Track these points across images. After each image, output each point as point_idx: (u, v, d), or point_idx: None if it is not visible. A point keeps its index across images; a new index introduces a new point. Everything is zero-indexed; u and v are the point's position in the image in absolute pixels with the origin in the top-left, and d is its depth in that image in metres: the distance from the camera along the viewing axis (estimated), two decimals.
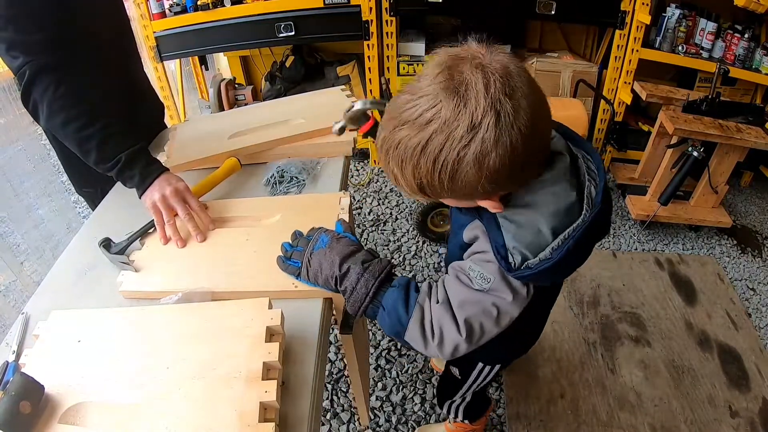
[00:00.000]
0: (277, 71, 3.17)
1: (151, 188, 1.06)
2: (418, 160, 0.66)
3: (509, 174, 0.66)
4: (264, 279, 0.94)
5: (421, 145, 0.65)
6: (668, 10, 2.59)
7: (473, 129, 0.62)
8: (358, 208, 2.79)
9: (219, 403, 0.69)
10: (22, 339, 0.88)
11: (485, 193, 0.71)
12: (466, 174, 0.65)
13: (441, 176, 0.66)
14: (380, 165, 0.77)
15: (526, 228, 0.73)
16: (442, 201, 0.77)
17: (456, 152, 0.64)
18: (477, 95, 0.62)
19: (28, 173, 2.12)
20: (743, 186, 3.03)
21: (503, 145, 0.63)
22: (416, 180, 0.69)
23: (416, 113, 0.65)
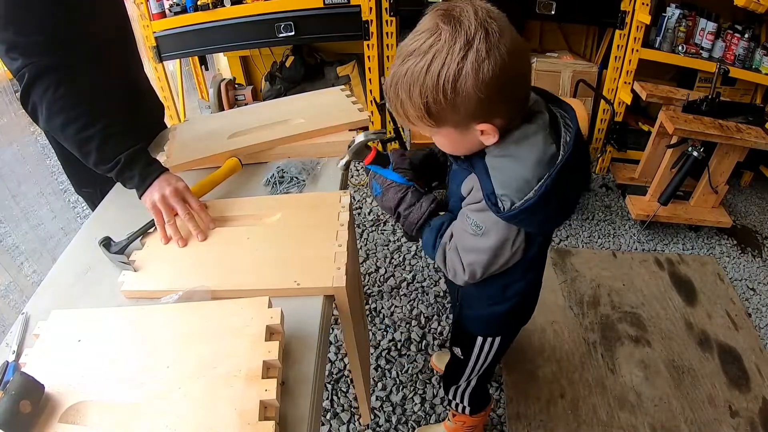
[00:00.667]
0: (277, 71, 3.18)
1: (151, 189, 1.06)
2: (424, 79, 0.77)
3: (501, 88, 0.77)
4: (265, 277, 0.94)
5: (426, 66, 0.76)
6: (668, 10, 2.59)
7: (468, 43, 0.74)
8: (358, 208, 2.79)
9: (219, 401, 0.69)
10: (22, 339, 0.88)
11: (483, 113, 0.80)
12: (465, 84, 0.75)
13: (445, 89, 0.76)
14: (390, 105, 0.87)
15: (512, 176, 0.84)
16: (444, 137, 0.88)
17: (456, 63, 0.74)
18: (468, 18, 0.74)
19: (26, 174, 2.12)
20: (743, 186, 3.03)
21: (494, 57, 0.74)
22: (423, 100, 0.78)
23: (419, 44, 0.77)
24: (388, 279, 2.31)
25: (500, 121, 0.83)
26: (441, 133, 0.86)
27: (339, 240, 0.99)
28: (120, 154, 1.05)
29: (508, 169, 0.85)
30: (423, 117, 0.82)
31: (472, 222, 0.93)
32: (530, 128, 0.85)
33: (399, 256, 2.44)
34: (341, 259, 0.95)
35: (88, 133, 1.03)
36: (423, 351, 1.99)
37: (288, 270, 0.94)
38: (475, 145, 0.88)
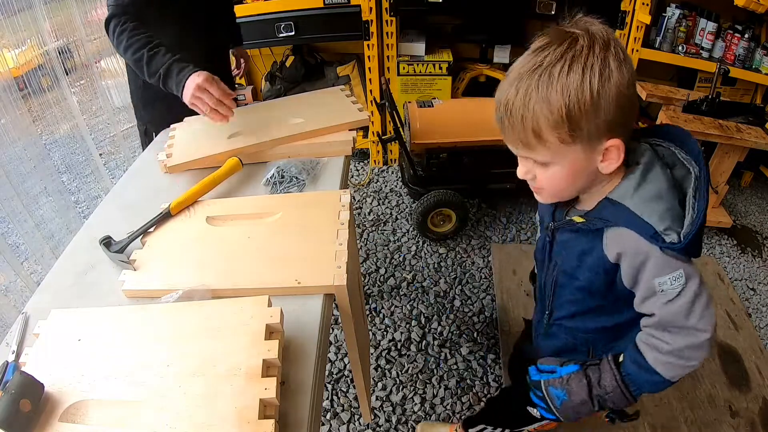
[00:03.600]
0: (277, 71, 3.18)
1: (185, 90, 1.27)
2: (567, 78, 0.72)
3: (631, 98, 0.75)
4: (265, 276, 0.94)
5: (566, 66, 0.72)
6: (668, 10, 2.59)
7: (606, 45, 0.73)
8: (358, 208, 2.79)
9: (219, 400, 0.70)
10: (22, 338, 0.88)
11: (616, 126, 0.75)
12: (610, 83, 0.72)
13: (591, 86, 0.71)
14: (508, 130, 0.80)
15: (663, 207, 0.77)
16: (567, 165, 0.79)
17: (599, 61, 0.72)
18: (595, 28, 0.75)
19: (28, 173, 2.12)
20: (743, 186, 3.03)
21: (628, 62, 0.74)
22: (565, 100, 0.72)
23: (549, 56, 0.73)
24: (388, 279, 2.32)
25: (624, 133, 0.78)
26: (567, 157, 0.78)
27: (339, 239, 1.00)
28: (160, 68, 1.30)
29: (654, 201, 0.78)
30: (559, 125, 0.74)
31: (668, 280, 0.80)
32: (644, 156, 0.82)
33: (399, 256, 2.44)
34: (342, 258, 0.95)
35: (138, 55, 1.32)
36: (423, 351, 2.00)
37: (288, 269, 0.94)
38: (590, 180, 0.82)
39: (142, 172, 1.36)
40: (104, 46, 2.74)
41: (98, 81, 2.72)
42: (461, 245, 2.51)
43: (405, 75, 2.84)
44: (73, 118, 2.44)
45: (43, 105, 2.29)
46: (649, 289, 0.82)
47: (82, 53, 2.52)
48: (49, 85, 2.23)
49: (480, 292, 2.25)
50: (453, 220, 2.45)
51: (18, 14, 2.02)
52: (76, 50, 2.51)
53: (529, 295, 2.15)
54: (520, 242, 2.55)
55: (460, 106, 2.55)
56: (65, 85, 2.28)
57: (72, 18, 2.38)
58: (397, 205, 2.80)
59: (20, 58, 2.10)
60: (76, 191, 2.96)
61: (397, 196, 2.86)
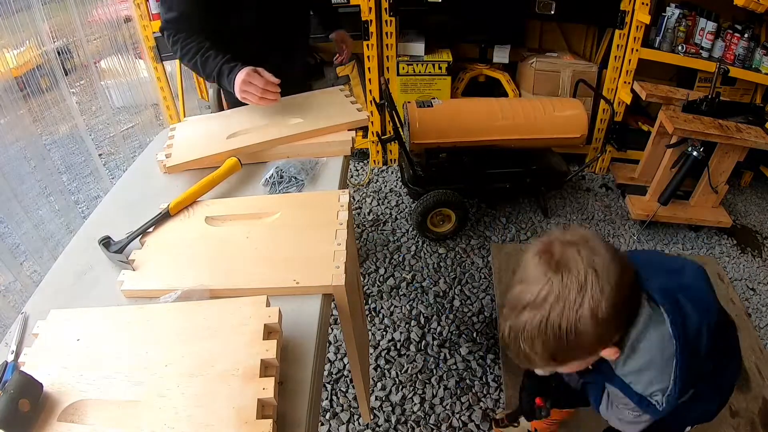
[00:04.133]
0: None
1: (236, 88, 1.38)
2: (546, 332, 0.78)
3: (617, 315, 0.80)
4: (264, 276, 0.94)
5: (544, 319, 0.78)
6: (668, 9, 2.59)
7: (581, 289, 0.77)
8: (358, 208, 2.79)
9: (217, 399, 0.70)
10: (21, 338, 0.88)
11: (603, 342, 0.84)
12: (586, 328, 0.78)
13: (568, 339, 0.78)
14: (512, 354, 0.88)
15: (651, 375, 0.87)
16: (568, 368, 0.91)
17: (574, 312, 0.77)
18: (576, 263, 0.78)
19: (28, 173, 2.12)
20: (743, 186, 3.03)
21: (607, 293, 0.77)
22: (547, 351, 0.81)
23: (532, 296, 0.79)
24: (387, 279, 2.32)
25: (618, 336, 0.86)
26: (566, 367, 0.90)
27: (338, 239, 1.00)
28: (213, 72, 1.43)
29: (642, 371, 0.87)
30: (548, 362, 0.84)
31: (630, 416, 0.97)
32: (636, 327, 0.86)
33: (398, 256, 2.44)
34: (340, 258, 0.95)
35: (193, 62, 1.46)
36: (422, 351, 2.00)
37: (287, 269, 0.94)
38: (598, 359, 0.90)
39: (142, 173, 1.36)
40: (103, 46, 2.74)
41: (97, 81, 2.73)
42: (461, 245, 2.51)
43: (404, 75, 2.84)
44: (73, 118, 2.44)
45: (42, 105, 2.29)
46: (618, 402, 0.98)
47: (81, 54, 2.52)
48: (48, 85, 2.23)
49: (479, 292, 2.25)
50: (452, 220, 2.45)
51: (16, 15, 2.02)
52: (75, 51, 2.51)
53: None
54: (520, 242, 2.55)
55: (459, 106, 2.55)
56: (64, 86, 2.28)
57: (71, 19, 2.38)
58: (397, 205, 2.80)
59: (19, 59, 2.10)
60: (75, 191, 2.96)
61: (397, 196, 2.86)
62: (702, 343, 0.88)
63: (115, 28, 2.76)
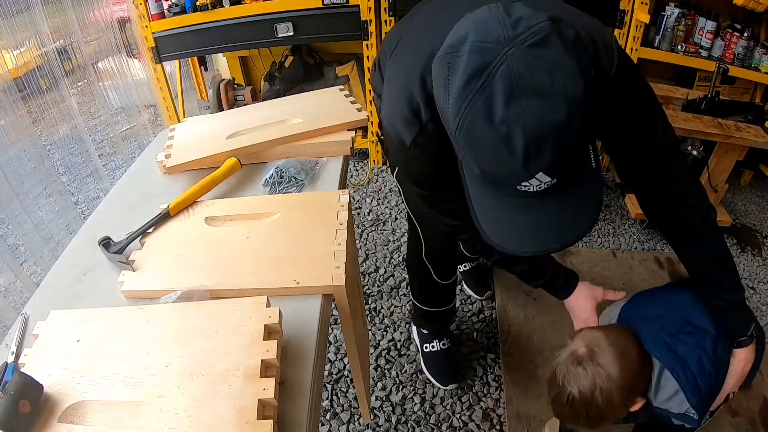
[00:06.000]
0: (276, 71, 3.18)
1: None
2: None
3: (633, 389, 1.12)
4: (264, 277, 0.94)
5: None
6: (667, 9, 2.59)
7: (593, 393, 1.07)
8: (358, 208, 2.79)
9: (218, 400, 0.70)
10: (21, 339, 0.88)
11: (632, 403, 1.14)
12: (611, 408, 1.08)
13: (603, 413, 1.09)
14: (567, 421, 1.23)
15: (674, 397, 1.12)
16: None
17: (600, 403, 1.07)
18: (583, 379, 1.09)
19: (28, 174, 2.13)
20: (743, 185, 3.03)
21: (616, 386, 1.07)
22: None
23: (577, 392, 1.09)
24: (387, 279, 2.32)
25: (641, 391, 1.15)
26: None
27: (338, 239, 1.00)
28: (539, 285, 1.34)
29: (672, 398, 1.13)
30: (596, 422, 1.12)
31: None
32: (655, 375, 1.14)
33: (398, 256, 2.44)
34: (340, 258, 0.95)
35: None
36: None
37: (287, 269, 0.94)
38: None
39: (141, 173, 1.36)
40: (102, 47, 2.75)
41: (96, 82, 2.73)
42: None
43: None
44: (72, 119, 2.44)
45: (42, 106, 2.29)
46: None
47: (80, 55, 2.52)
48: (48, 86, 2.23)
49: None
50: None
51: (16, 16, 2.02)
52: (73, 52, 2.51)
53: (528, 294, 2.15)
54: None
55: None
56: (64, 87, 2.28)
57: (70, 20, 2.38)
58: (397, 204, 2.80)
59: (19, 60, 2.11)
60: (75, 192, 2.96)
61: (397, 196, 2.86)
62: (707, 366, 1.13)
63: (113, 29, 2.76)
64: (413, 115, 0.95)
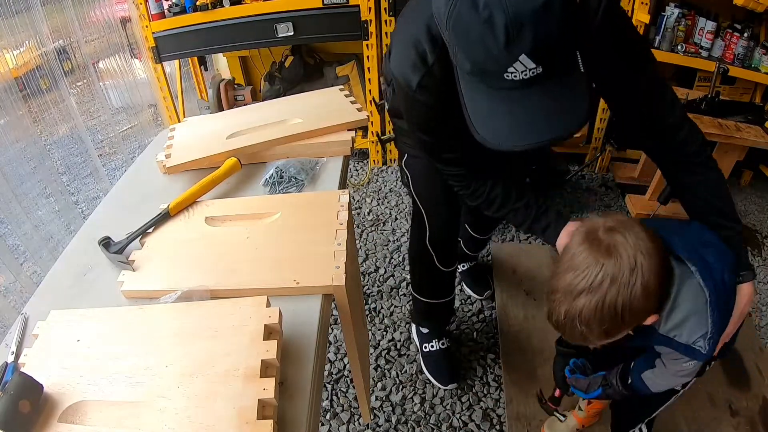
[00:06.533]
0: (276, 71, 3.18)
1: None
2: (602, 314, 0.88)
3: (662, 283, 0.92)
4: (264, 277, 0.94)
5: (600, 302, 0.88)
6: (667, 9, 2.59)
7: (633, 271, 0.87)
8: (358, 208, 2.79)
9: (218, 400, 0.70)
10: (21, 339, 0.88)
11: (651, 311, 0.95)
12: (639, 304, 0.89)
13: (623, 316, 0.89)
14: (566, 335, 0.99)
15: (692, 324, 0.98)
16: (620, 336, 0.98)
17: (629, 292, 0.87)
18: (625, 248, 0.88)
19: (28, 173, 2.13)
20: (743, 185, 3.03)
21: (655, 267, 0.89)
22: (603, 329, 0.91)
23: (588, 282, 0.88)
24: (387, 279, 2.32)
25: (658, 315, 0.98)
26: (615, 338, 0.97)
27: (338, 239, 1.00)
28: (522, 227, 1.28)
29: (682, 323, 0.99)
30: (602, 337, 0.94)
31: (694, 364, 1.08)
32: (673, 286, 0.98)
33: (398, 256, 2.44)
34: (340, 258, 0.95)
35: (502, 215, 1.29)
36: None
37: (287, 269, 0.94)
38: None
39: (141, 173, 1.36)
40: (102, 47, 2.75)
41: (96, 82, 2.73)
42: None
43: None
44: (72, 119, 2.44)
45: (42, 106, 2.29)
46: (671, 360, 1.10)
47: (80, 55, 2.53)
48: (47, 86, 2.23)
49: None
50: None
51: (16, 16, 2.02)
52: (73, 52, 2.51)
53: (528, 294, 2.15)
54: (520, 242, 2.54)
55: None
56: (64, 86, 2.28)
57: (69, 20, 2.38)
58: (397, 204, 2.80)
59: (19, 59, 2.11)
60: (75, 192, 2.96)
61: (397, 196, 2.86)
62: (726, 284, 1.00)
63: (113, 29, 2.76)
64: (420, 59, 1.04)
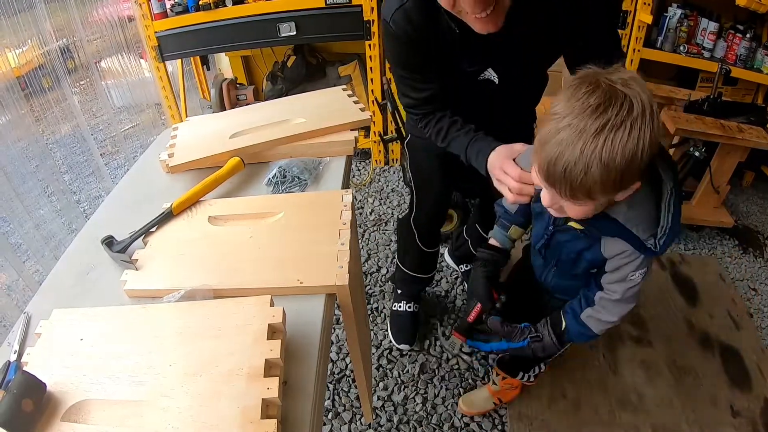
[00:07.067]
0: (278, 71, 3.18)
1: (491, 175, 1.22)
2: (626, 153, 0.78)
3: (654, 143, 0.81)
4: (267, 276, 0.94)
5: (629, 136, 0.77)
6: (670, 9, 2.59)
7: (643, 112, 0.77)
8: (360, 207, 2.79)
9: (221, 399, 0.69)
10: (24, 338, 0.88)
11: (639, 172, 0.83)
12: (654, 146, 0.80)
13: (635, 157, 0.79)
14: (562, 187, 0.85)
15: (646, 219, 0.93)
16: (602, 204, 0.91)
17: (655, 126, 0.78)
18: (635, 93, 0.77)
19: (30, 172, 2.13)
20: (745, 186, 3.03)
21: (657, 113, 0.79)
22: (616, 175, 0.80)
23: (615, 111, 0.77)
24: (389, 279, 2.31)
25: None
26: (598, 202, 0.89)
27: (341, 239, 0.99)
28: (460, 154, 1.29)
29: (640, 216, 0.93)
30: (610, 188, 0.83)
31: (637, 277, 1.03)
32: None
33: None
34: (344, 258, 0.95)
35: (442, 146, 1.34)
36: (424, 351, 2.00)
37: (290, 269, 0.94)
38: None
39: (144, 172, 1.36)
40: (104, 46, 2.75)
41: (99, 81, 2.73)
42: None
43: None
44: (75, 118, 2.45)
45: (44, 105, 2.30)
46: (622, 278, 1.05)
47: (82, 54, 2.53)
48: (50, 85, 2.23)
49: None
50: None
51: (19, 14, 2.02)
52: (75, 51, 2.51)
53: None
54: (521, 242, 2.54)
55: None
56: (66, 85, 2.28)
57: (72, 18, 2.38)
58: (399, 204, 2.80)
59: (21, 58, 2.11)
60: (77, 191, 2.97)
61: (399, 196, 2.86)
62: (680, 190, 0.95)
63: (116, 28, 2.76)
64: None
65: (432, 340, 2.03)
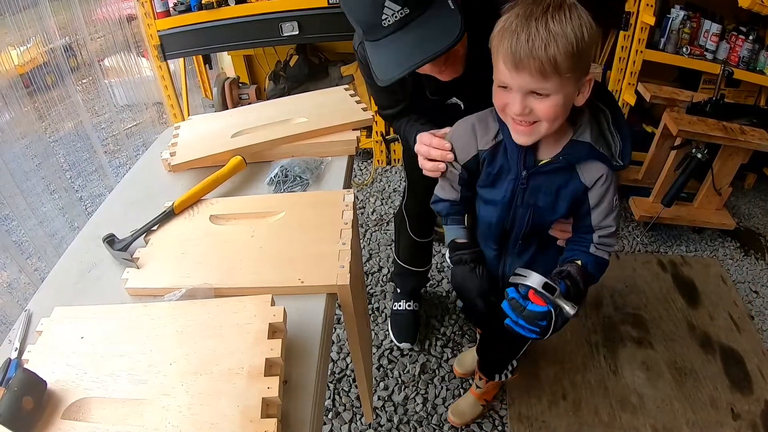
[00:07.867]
0: (280, 70, 3.18)
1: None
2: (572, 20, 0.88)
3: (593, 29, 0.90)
4: (268, 275, 0.94)
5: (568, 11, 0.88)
6: (672, 11, 2.58)
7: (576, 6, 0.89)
8: (362, 207, 2.79)
9: (222, 398, 0.69)
10: (24, 335, 0.89)
11: (589, 58, 0.95)
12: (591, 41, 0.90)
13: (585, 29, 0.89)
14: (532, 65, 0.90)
15: (601, 136, 1.03)
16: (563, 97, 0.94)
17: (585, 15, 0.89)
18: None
19: (32, 170, 2.13)
20: (747, 188, 3.02)
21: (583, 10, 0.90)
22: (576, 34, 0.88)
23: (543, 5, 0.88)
24: (390, 278, 2.31)
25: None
26: (565, 89, 0.93)
27: (343, 238, 0.99)
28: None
29: (600, 136, 1.03)
30: (572, 56, 0.88)
31: (617, 201, 1.10)
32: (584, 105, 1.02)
33: None
34: (345, 258, 0.95)
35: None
36: (425, 351, 2.00)
37: (291, 268, 0.94)
38: (567, 115, 0.99)
39: (146, 171, 1.36)
40: (107, 44, 2.75)
41: (102, 79, 2.73)
42: None
43: None
44: (78, 115, 2.45)
45: (47, 102, 2.30)
46: (610, 206, 1.09)
47: (86, 52, 2.53)
48: (53, 82, 2.24)
49: None
50: None
51: (23, 12, 2.02)
52: (79, 49, 2.51)
53: None
54: None
55: None
56: (70, 83, 2.28)
57: (76, 16, 2.39)
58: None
59: (25, 56, 2.11)
60: (80, 189, 2.97)
61: (400, 196, 2.86)
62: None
63: (118, 27, 2.77)
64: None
65: (433, 341, 2.03)
